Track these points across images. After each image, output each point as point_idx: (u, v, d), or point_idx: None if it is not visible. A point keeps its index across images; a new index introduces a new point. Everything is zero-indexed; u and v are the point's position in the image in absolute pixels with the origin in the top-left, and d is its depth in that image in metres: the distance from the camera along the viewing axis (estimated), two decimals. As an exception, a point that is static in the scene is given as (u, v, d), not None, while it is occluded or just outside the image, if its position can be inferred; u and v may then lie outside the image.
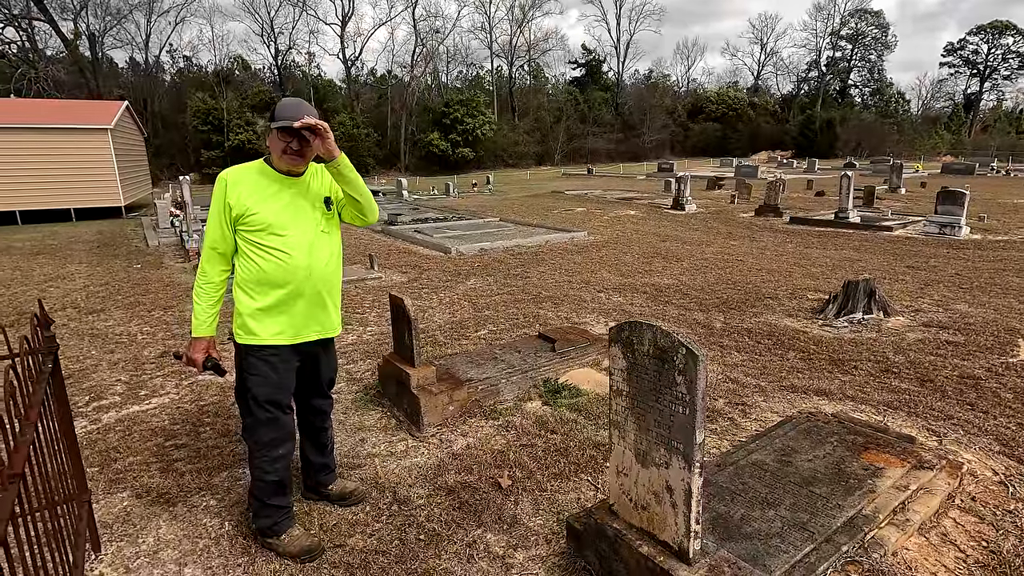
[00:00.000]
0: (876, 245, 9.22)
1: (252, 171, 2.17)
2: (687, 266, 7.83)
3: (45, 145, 16.44)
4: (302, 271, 2.14)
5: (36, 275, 8.28)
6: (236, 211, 2.09)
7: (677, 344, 1.61)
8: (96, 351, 4.88)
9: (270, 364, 2.18)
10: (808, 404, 3.44)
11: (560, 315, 5.57)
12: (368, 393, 3.81)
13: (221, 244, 2.15)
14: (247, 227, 2.10)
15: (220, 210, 2.12)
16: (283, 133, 2.06)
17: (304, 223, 2.16)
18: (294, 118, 2.03)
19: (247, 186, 2.12)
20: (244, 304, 2.15)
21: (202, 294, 2.19)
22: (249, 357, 2.18)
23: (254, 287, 2.13)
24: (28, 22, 38.81)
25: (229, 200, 2.10)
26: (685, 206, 14.59)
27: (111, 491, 2.72)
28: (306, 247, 2.15)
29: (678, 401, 1.64)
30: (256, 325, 2.14)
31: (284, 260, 2.11)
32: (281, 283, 2.12)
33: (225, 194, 2.11)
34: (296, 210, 2.15)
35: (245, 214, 2.09)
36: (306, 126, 2.01)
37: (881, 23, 60.24)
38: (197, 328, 2.20)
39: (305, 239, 2.15)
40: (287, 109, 2.07)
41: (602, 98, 55.50)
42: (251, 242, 2.11)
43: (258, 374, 2.18)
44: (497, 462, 2.86)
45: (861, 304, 5.15)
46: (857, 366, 4.03)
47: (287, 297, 2.15)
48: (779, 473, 2.44)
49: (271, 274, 2.11)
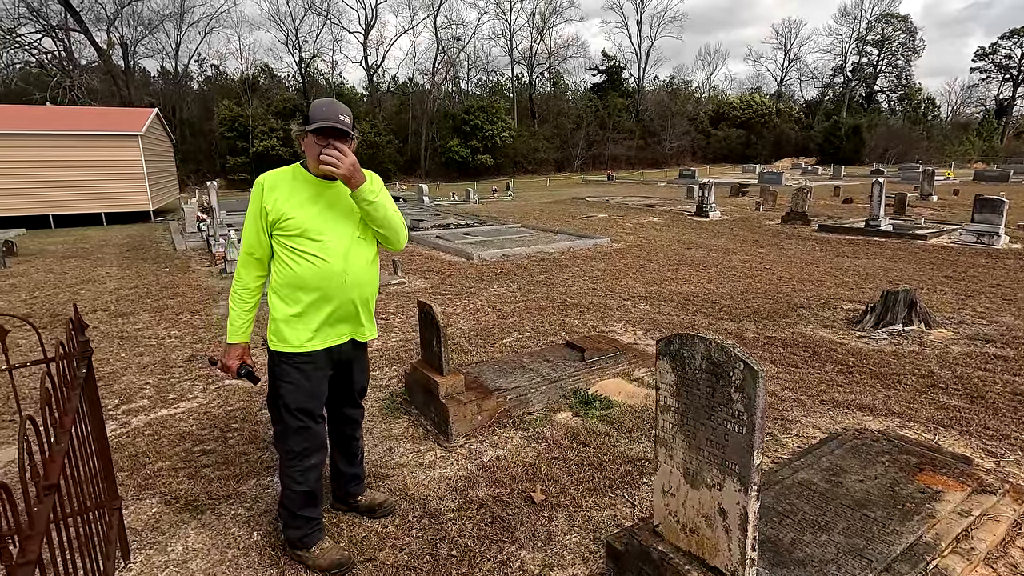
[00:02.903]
0: (910, 254, 8.94)
1: (288, 175, 2.13)
2: (714, 274, 7.67)
3: (78, 151, 16.89)
4: (337, 277, 2.09)
5: (68, 278, 8.45)
6: (272, 216, 2.06)
7: (734, 358, 1.52)
8: (126, 354, 4.92)
9: (303, 372, 2.14)
10: (852, 420, 3.29)
11: (586, 323, 5.47)
12: (394, 401, 3.76)
13: (257, 249, 2.12)
14: (283, 232, 2.06)
15: (256, 214, 2.09)
16: (318, 136, 2.01)
17: (341, 229, 2.11)
18: (328, 119, 1.99)
19: (283, 190, 2.08)
20: (279, 309, 2.11)
21: (237, 300, 2.16)
22: (282, 364, 2.13)
23: (289, 292, 2.09)
24: (65, 32, 40.09)
25: (265, 205, 2.06)
26: (709, 213, 14.38)
27: (140, 497, 2.70)
28: (342, 253, 2.09)
29: (734, 419, 1.55)
30: (290, 331, 2.10)
31: (319, 265, 2.06)
32: (316, 288, 2.08)
33: (262, 198, 2.08)
34: (333, 215, 2.10)
35: (281, 219, 2.05)
36: (334, 144, 1.98)
37: (908, 28, 59.12)
38: (232, 334, 2.17)
39: (342, 245, 2.10)
40: (321, 110, 2.02)
41: (622, 104, 55.28)
42: (287, 247, 2.07)
43: (291, 382, 2.13)
44: (529, 475, 2.78)
45: (901, 315, 4.96)
46: (901, 380, 3.86)
47: (321, 303, 2.10)
48: (829, 494, 2.32)
49: (306, 279, 2.06)
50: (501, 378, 3.67)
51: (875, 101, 61.28)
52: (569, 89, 59.81)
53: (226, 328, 2.21)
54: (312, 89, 48.33)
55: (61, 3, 38.45)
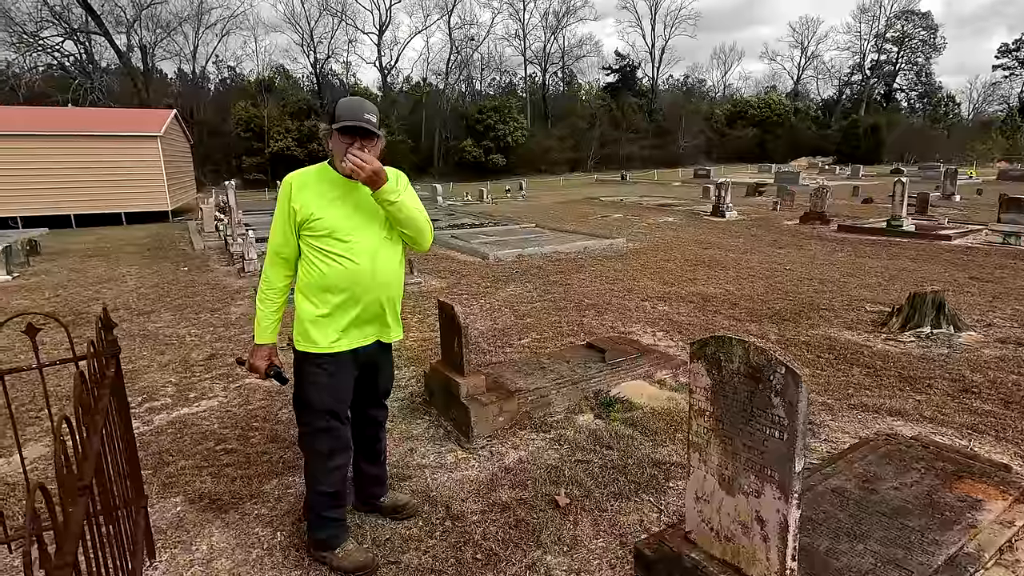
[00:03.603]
0: (934, 255, 8.76)
1: (316, 175, 2.11)
2: (733, 275, 7.57)
3: (99, 152, 17.17)
4: (365, 278, 2.07)
5: (90, 277, 8.58)
6: (300, 216, 2.04)
7: (774, 362, 1.47)
8: (148, 352, 4.97)
9: (329, 372, 2.12)
10: (882, 425, 3.21)
11: (605, 324, 5.42)
12: (414, 401, 3.75)
13: (285, 249, 2.10)
14: (311, 232, 2.04)
15: (284, 214, 2.07)
16: (343, 135, 2.00)
17: (369, 229, 2.09)
18: (354, 118, 1.98)
19: (311, 190, 2.06)
20: (305, 310, 2.09)
21: (265, 300, 2.14)
22: (308, 365, 2.12)
23: (316, 293, 2.07)
24: (86, 36, 40.83)
25: (293, 205, 2.05)
26: (725, 213, 14.22)
27: (165, 495, 2.71)
28: (370, 253, 2.07)
29: (774, 425, 1.50)
30: (316, 332, 2.08)
31: (347, 266, 2.04)
32: (343, 289, 2.06)
33: (290, 198, 2.06)
34: (361, 216, 2.09)
35: (309, 219, 2.03)
36: (355, 150, 1.97)
37: (929, 25, 58.16)
38: (260, 335, 2.16)
39: (370, 245, 2.08)
40: (347, 109, 2.00)
41: (636, 104, 55.00)
42: (314, 247, 2.05)
43: (317, 383, 2.12)
44: (552, 478, 2.74)
45: (929, 318, 4.84)
46: (931, 384, 3.76)
47: (348, 304, 2.08)
48: (863, 502, 2.25)
49: (334, 280, 2.05)
50: (521, 379, 3.63)
51: (894, 99, 60.36)
52: (582, 89, 59.65)
53: (248, 328, 2.20)
54: (327, 90, 48.71)
55: (82, 7, 39.16)
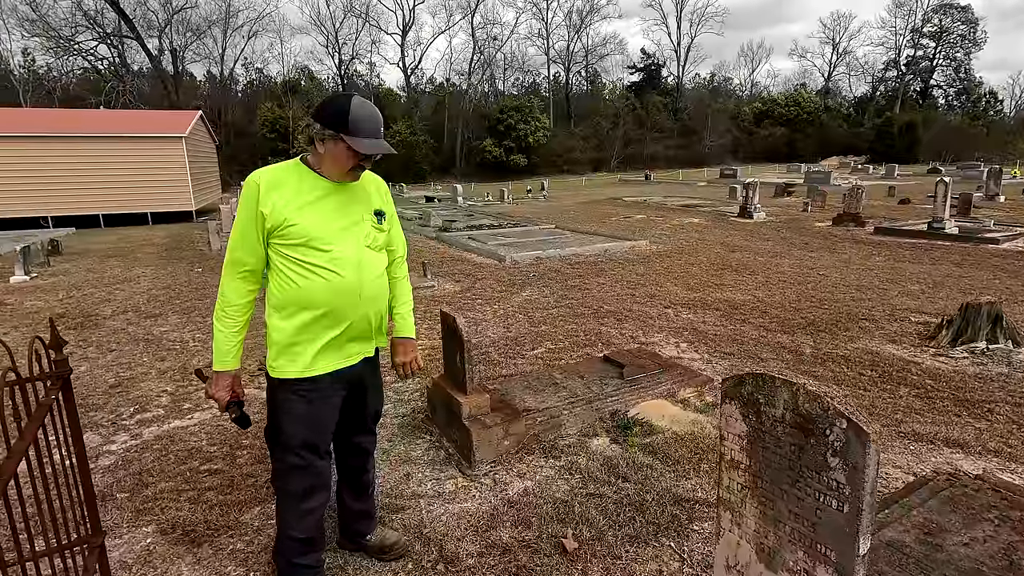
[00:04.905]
0: (981, 260, 8.17)
1: (290, 173, 1.82)
2: (762, 280, 7.15)
3: (125, 153, 17.43)
4: (351, 292, 1.81)
5: (106, 277, 8.56)
6: (271, 221, 1.75)
7: (832, 413, 1.15)
8: (148, 358, 4.81)
9: (307, 400, 1.85)
10: (939, 458, 2.82)
11: (624, 333, 5.09)
12: (416, 417, 3.49)
13: (251, 260, 1.81)
14: (283, 240, 1.77)
15: (251, 219, 1.78)
16: (355, 152, 1.74)
17: (351, 236, 1.83)
18: (374, 134, 1.76)
19: (284, 192, 1.78)
20: (279, 331, 1.82)
21: (224, 319, 1.84)
22: (282, 392, 1.85)
23: (293, 311, 1.80)
24: (119, 40, 41.86)
25: (262, 209, 1.76)
26: (753, 214, 13.68)
27: (137, 523, 2.50)
28: (355, 264, 1.81)
29: (830, 492, 1.18)
30: (292, 355, 1.82)
31: (331, 279, 1.77)
32: (326, 305, 1.79)
33: (257, 201, 1.76)
34: (342, 220, 1.82)
35: (282, 225, 1.75)
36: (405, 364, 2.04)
37: (969, 19, 55.85)
38: (219, 360, 1.86)
39: (353, 255, 1.82)
40: (367, 123, 1.75)
41: (661, 103, 54.11)
42: (289, 258, 1.78)
43: (292, 412, 1.86)
44: (560, 515, 2.44)
45: (984, 331, 4.39)
46: (992, 409, 3.35)
47: (332, 321, 1.82)
48: (926, 560, 1.90)
49: (312, 295, 1.77)
50: (531, 396, 3.34)
51: (931, 96, 58.18)
52: (606, 88, 58.97)
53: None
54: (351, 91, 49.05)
55: (116, 11, 40.16)
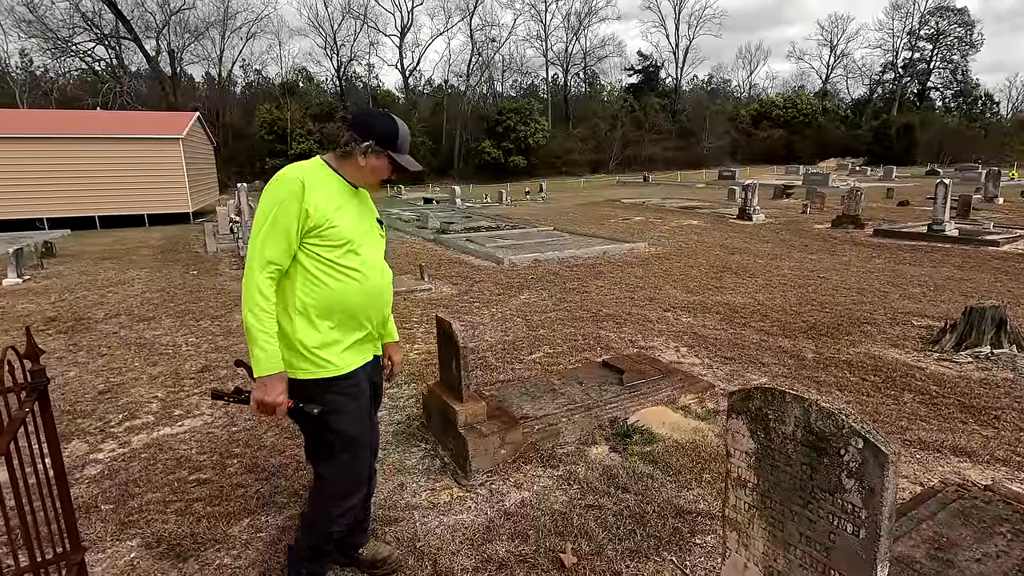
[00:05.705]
0: (982, 262, 8.12)
1: (320, 174, 1.78)
2: (762, 283, 7.09)
3: (122, 154, 17.31)
4: (377, 293, 1.86)
5: (100, 280, 8.46)
6: (314, 220, 1.68)
7: (847, 431, 1.08)
8: (140, 363, 4.73)
9: (352, 396, 1.84)
10: (947, 468, 2.76)
11: (623, 337, 5.02)
12: (411, 425, 3.41)
13: (285, 260, 1.70)
14: (321, 241, 1.70)
15: (295, 216, 1.66)
16: (395, 167, 1.84)
17: (373, 238, 1.88)
18: (411, 157, 1.89)
19: (322, 192, 1.72)
20: (308, 333, 1.74)
21: (266, 320, 1.68)
22: (327, 394, 1.79)
23: (324, 313, 1.75)
24: (116, 41, 41.71)
25: (307, 206, 1.67)
26: (752, 216, 13.64)
27: (121, 537, 2.42)
28: (379, 266, 1.87)
29: (845, 515, 1.11)
30: (329, 354, 1.78)
31: (363, 282, 1.80)
32: (357, 307, 1.81)
33: (302, 199, 1.67)
34: (363, 225, 1.86)
35: (324, 225, 1.69)
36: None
37: (965, 21, 55.94)
38: (270, 364, 1.68)
39: (378, 258, 1.88)
40: (406, 143, 1.85)
41: (659, 104, 54.11)
42: (322, 259, 1.72)
43: (344, 411, 1.82)
44: (558, 528, 2.37)
45: (988, 336, 4.34)
46: (999, 416, 3.29)
47: (360, 322, 1.85)
48: (938, 577, 1.83)
49: (348, 297, 1.77)
50: (528, 403, 3.27)
51: (928, 98, 58.25)
52: (605, 90, 58.98)
53: (249, 343, 1.68)
54: (349, 93, 49.00)
55: (113, 12, 40.01)
